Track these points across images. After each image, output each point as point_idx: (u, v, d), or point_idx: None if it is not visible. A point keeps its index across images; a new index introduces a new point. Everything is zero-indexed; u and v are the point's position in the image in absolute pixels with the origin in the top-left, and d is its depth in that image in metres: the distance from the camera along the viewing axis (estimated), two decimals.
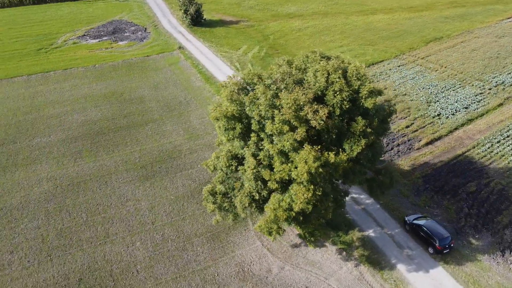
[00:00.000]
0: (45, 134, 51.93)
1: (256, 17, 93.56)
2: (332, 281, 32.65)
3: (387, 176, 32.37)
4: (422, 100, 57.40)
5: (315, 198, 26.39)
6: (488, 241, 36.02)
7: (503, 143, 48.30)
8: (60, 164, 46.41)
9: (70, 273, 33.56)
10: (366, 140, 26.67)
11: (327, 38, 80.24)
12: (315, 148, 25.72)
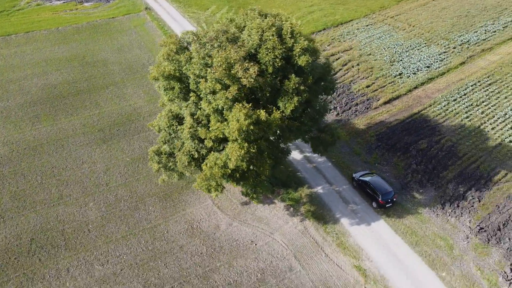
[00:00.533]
0: (3, 99, 51.35)
1: None
2: (277, 236, 33.90)
3: (328, 134, 32.97)
4: (385, 59, 57.39)
5: (249, 155, 26.96)
6: (431, 195, 37.35)
7: (459, 101, 49.00)
8: (18, 128, 46.25)
9: (23, 234, 34.34)
10: (299, 97, 26.92)
11: None
12: (246, 106, 25.99)
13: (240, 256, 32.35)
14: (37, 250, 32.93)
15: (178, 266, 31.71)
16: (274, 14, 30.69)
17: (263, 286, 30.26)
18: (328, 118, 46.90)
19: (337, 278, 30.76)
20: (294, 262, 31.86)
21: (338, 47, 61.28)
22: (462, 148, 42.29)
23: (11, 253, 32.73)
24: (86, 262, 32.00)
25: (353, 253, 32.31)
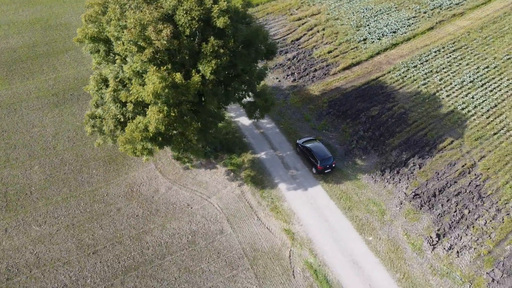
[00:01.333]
0: None
1: None
2: (213, 199, 34.45)
3: (262, 99, 32.81)
4: (352, 24, 56.14)
5: (169, 119, 26.98)
6: (373, 162, 37.56)
7: (419, 68, 48.31)
8: None
9: None
10: (218, 60, 26.56)
11: None
12: (162, 69, 25.77)
13: (175, 218, 33.02)
14: None
15: (113, 227, 32.46)
16: None
17: (192, 247, 31.06)
18: (284, 84, 46.60)
19: (265, 240, 31.49)
20: (226, 225, 32.54)
21: (307, 11, 59.84)
22: (413, 115, 42.09)
23: None
24: (24, 223, 32.79)
25: (285, 217, 32.90)
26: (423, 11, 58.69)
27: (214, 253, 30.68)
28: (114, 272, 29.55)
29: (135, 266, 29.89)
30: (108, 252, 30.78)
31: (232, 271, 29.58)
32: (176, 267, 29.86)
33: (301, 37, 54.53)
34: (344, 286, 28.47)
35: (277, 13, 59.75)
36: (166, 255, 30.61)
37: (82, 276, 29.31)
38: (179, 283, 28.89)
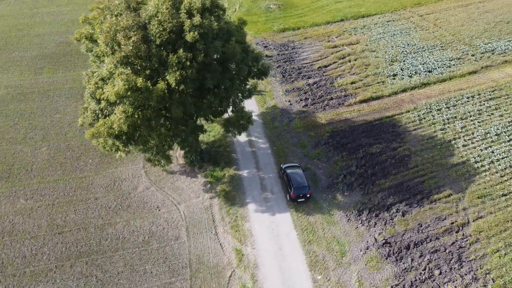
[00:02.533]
0: (24, 50, 58.22)
1: None
2: (181, 206, 35.25)
3: (237, 117, 33.15)
4: (387, 58, 54.06)
5: (132, 120, 28.55)
6: (354, 200, 35.66)
7: (442, 112, 44.99)
8: (21, 75, 52.52)
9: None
10: (182, 72, 27.58)
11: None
12: (128, 73, 27.51)
13: (140, 217, 34.38)
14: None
15: (84, 214, 34.71)
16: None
17: (145, 247, 32.06)
18: (294, 107, 46.28)
19: (214, 256, 31.43)
20: (183, 233, 33.09)
21: (345, 39, 58.88)
22: (417, 159, 39.27)
23: None
24: (15, 195, 36.41)
25: (241, 237, 32.56)
26: (471, 54, 54.56)
27: (162, 257, 31.36)
28: (69, 254, 31.56)
29: (88, 253, 31.64)
30: (71, 236, 32.96)
31: (171, 278, 29.99)
32: (123, 262, 31.04)
33: (330, 65, 53.75)
34: None
35: (315, 39, 59.60)
36: (119, 249, 31.98)
37: (41, 252, 31.74)
38: (119, 278, 29.99)
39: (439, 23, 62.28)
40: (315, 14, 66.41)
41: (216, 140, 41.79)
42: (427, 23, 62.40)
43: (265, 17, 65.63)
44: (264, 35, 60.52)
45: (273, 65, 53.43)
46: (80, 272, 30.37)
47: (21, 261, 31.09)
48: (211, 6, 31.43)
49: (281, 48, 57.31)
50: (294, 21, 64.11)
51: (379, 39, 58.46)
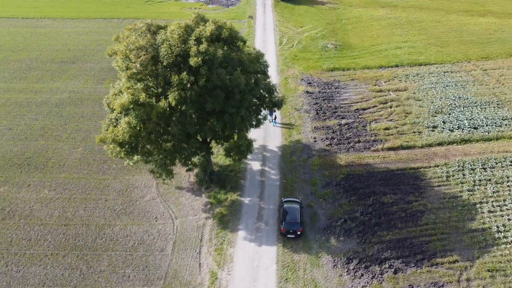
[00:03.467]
0: (95, 62, 65.52)
1: (349, 1, 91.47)
2: (177, 221, 36.56)
3: (236, 144, 34.07)
4: (431, 108, 51.42)
5: (134, 131, 30.98)
6: (348, 247, 34.01)
7: (476, 172, 41.39)
8: (85, 83, 59.10)
9: (26, 153, 45.22)
10: (182, 92, 29.48)
11: (398, 32, 74.78)
12: (135, 87, 30.18)
13: (138, 224, 36.31)
14: (25, 166, 43.26)
15: (91, 212, 37.61)
16: (213, 20, 33.48)
17: (131, 252, 33.73)
18: (317, 145, 45.88)
19: (190, 274, 31.97)
20: (170, 246, 34.23)
21: (393, 85, 57.29)
22: (431, 217, 36.48)
23: (11, 162, 43.79)
24: (42, 185, 40.72)
25: (220, 261, 32.76)
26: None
27: (143, 264, 32.72)
28: (65, 245, 34.32)
29: (81, 248, 34.14)
30: (74, 229, 35.87)
31: (143, 285, 31.11)
32: (108, 262, 32.95)
33: (369, 108, 52.55)
34: None
35: (362, 81, 58.87)
36: (109, 249, 34.04)
37: (44, 238, 34.97)
38: (99, 276, 31.83)
39: (503, 79, 57.86)
40: (371, 57, 65.71)
41: (231, 165, 42.86)
42: (489, 78, 58.32)
43: (319, 55, 66.48)
44: (312, 72, 61.24)
45: (311, 101, 53.76)
46: (69, 264, 32.85)
47: (25, 243, 34.55)
48: (229, 37, 33.47)
49: (324, 86, 57.48)
50: (346, 62, 64.04)
51: (429, 89, 55.91)
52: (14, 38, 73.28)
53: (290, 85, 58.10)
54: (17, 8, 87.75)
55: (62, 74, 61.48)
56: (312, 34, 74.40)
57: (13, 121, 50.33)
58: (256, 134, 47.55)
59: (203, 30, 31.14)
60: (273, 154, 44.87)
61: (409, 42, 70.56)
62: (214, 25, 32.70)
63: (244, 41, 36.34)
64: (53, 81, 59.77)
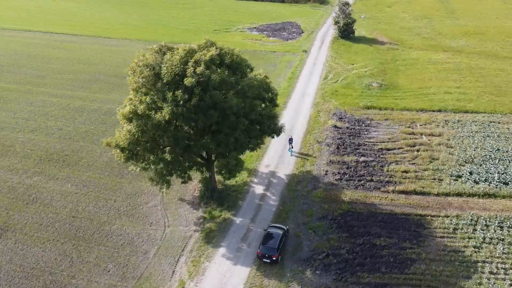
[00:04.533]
0: None
1: (411, 43, 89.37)
2: (168, 229, 38.69)
3: (224, 163, 35.55)
4: (462, 157, 48.30)
5: (132, 138, 34.23)
6: (322, 282, 33.19)
7: (489, 229, 38.01)
8: None
9: (64, 151, 51.15)
10: (173, 108, 32.10)
11: (453, 77, 71.47)
12: (135, 98, 33.56)
13: (133, 226, 39.10)
14: (60, 162, 48.93)
15: (98, 209, 41.32)
16: (220, 46, 36.23)
17: (118, 250, 36.34)
18: (327, 178, 45.53)
19: (161, 279, 33.59)
20: (153, 251, 36.33)
21: (429, 129, 54.88)
22: (420, 267, 34.26)
23: (50, 157, 49.84)
24: (67, 180, 45.68)
25: (193, 273, 33.95)
26: None
27: (124, 262, 35.14)
28: (67, 234, 38.11)
29: (78, 239, 37.63)
30: (79, 222, 39.72)
31: (117, 282, 33.37)
32: (96, 255, 35.94)
33: (394, 149, 50.89)
34: None
35: (396, 122, 57.25)
36: (101, 244, 37.13)
37: (52, 225, 39.17)
38: (84, 266, 34.81)
39: None
40: (414, 99, 63.64)
41: (236, 185, 44.35)
42: None
43: (360, 93, 66.04)
44: (347, 108, 61.03)
45: (336, 136, 53.56)
46: (64, 251, 36.44)
47: (36, 227, 39.08)
48: (232, 63, 35.92)
49: (354, 123, 56.92)
50: (386, 101, 62.78)
51: (466, 137, 52.60)
52: (92, 54, 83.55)
53: (321, 118, 58.48)
54: (105, 30, 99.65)
55: (119, 88, 68.44)
56: (361, 72, 74.17)
57: (65, 123, 57.34)
58: (269, 160, 48.88)
59: (204, 54, 33.91)
60: (280, 181, 45.46)
61: (462, 88, 67.09)
62: (216, 50, 35.39)
63: (251, 68, 38.47)
64: (110, 92, 66.96)
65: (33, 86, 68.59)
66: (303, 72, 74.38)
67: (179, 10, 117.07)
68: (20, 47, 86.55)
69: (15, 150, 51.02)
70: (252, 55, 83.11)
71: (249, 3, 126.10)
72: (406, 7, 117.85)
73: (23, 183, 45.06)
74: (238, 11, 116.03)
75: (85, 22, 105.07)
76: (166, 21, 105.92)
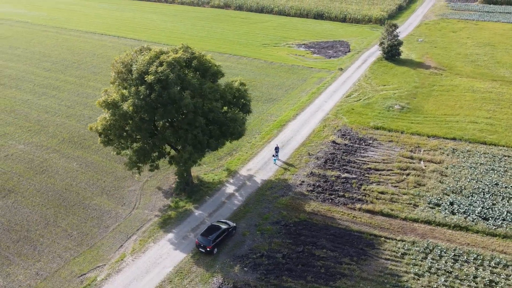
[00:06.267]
0: None
1: (459, 69, 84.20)
2: (134, 211, 42.94)
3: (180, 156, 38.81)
4: (451, 186, 45.69)
5: (105, 125, 39.33)
6: (244, 278, 34.66)
7: (442, 260, 35.98)
8: None
9: (84, 135, 58.64)
10: (134, 101, 36.46)
11: (488, 107, 66.52)
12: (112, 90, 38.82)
13: (108, 204, 44.04)
14: (78, 144, 56.25)
15: (87, 186, 47.10)
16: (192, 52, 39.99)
17: (86, 221, 41.44)
18: (299, 189, 46.39)
19: (108, 250, 37.76)
20: (113, 226, 40.77)
21: (431, 155, 52.49)
22: (348, 284, 34.10)
23: (72, 139, 57.52)
24: (75, 159, 52.52)
25: (136, 249, 37.69)
26: None
27: (86, 231, 40.07)
28: (53, 201, 44.34)
29: (60, 207, 43.56)
30: (67, 194, 45.77)
31: (74, 246, 38.30)
32: (68, 222, 41.41)
33: (383, 170, 49.76)
34: None
35: (399, 144, 55.57)
36: (76, 214, 42.58)
37: (46, 193, 45.80)
38: (55, 228, 40.44)
39: None
40: (432, 125, 60.89)
41: (212, 182, 47.36)
42: None
43: (377, 113, 64.87)
44: (354, 126, 60.61)
45: (330, 151, 53.84)
46: (45, 214, 42.54)
47: (34, 193, 45.95)
48: (199, 66, 39.59)
49: (356, 141, 56.47)
50: (399, 124, 61.02)
51: (467, 168, 49.43)
52: None
53: (324, 133, 58.96)
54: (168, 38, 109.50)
55: None
56: (389, 94, 72.53)
57: (96, 113, 65.11)
58: (253, 165, 51.16)
59: (168, 56, 37.93)
60: (254, 184, 47.38)
61: (492, 119, 62.43)
62: (185, 54, 39.20)
63: (222, 74, 41.68)
64: None
65: (86, 81, 78.83)
66: (329, 89, 74.90)
67: (241, 25, 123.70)
68: (89, 47, 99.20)
69: (48, 130, 59.82)
70: (288, 68, 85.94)
71: (309, 21, 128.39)
72: (473, 33, 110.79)
73: (41, 157, 53.01)
74: (294, 28, 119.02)
75: (156, 30, 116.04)
76: (225, 34, 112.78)
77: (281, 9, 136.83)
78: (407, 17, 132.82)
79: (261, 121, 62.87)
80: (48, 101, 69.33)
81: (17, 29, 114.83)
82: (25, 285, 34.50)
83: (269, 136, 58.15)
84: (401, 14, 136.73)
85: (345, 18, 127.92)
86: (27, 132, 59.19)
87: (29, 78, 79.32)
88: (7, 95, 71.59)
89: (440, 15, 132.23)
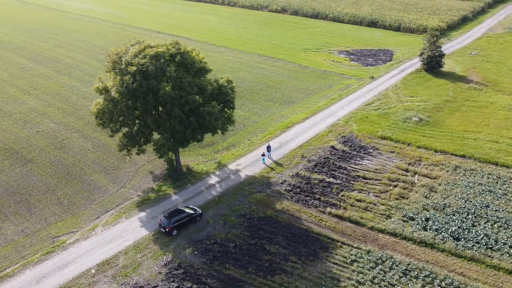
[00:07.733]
0: None
1: (504, 86, 77.53)
2: (121, 190, 47.14)
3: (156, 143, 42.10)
4: (434, 203, 43.70)
5: (99, 109, 43.99)
6: (190, 260, 36.92)
7: (389, 273, 35.12)
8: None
9: None
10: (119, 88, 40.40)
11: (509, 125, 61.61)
12: (103, 78, 43.18)
13: (102, 181, 48.82)
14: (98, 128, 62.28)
15: (92, 164, 52.46)
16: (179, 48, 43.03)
17: (80, 194, 46.49)
18: (281, 187, 47.40)
19: (87, 218, 42.23)
20: (98, 200, 45.30)
21: (429, 171, 50.27)
22: (284, 279, 34.88)
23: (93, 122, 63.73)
24: (91, 141, 58.45)
25: (108, 222, 41.70)
26: None
27: (75, 201, 45.04)
28: (61, 173, 50.19)
29: (65, 179, 49.22)
30: (73, 168, 51.43)
31: (60, 212, 43.34)
32: (65, 192, 46.76)
33: (371, 179, 48.81)
34: None
35: (399, 157, 53.78)
36: (74, 186, 47.87)
37: (55, 167, 51.89)
38: (52, 196, 45.98)
39: None
40: (445, 140, 57.85)
41: (200, 172, 50.19)
42: None
43: (391, 123, 63.03)
44: (361, 134, 59.61)
45: (325, 155, 53.90)
46: (48, 183, 48.39)
47: (48, 165, 52.31)
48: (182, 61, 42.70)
49: (355, 148, 55.74)
50: (409, 137, 58.79)
51: (462, 186, 46.74)
52: None
53: (327, 137, 58.91)
54: (217, 38, 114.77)
55: None
56: (413, 105, 69.80)
57: None
58: (244, 161, 53.14)
59: (152, 50, 41.40)
60: (237, 179, 49.26)
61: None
62: (166, 49, 42.39)
63: (207, 70, 44.30)
64: None
65: None
66: (351, 96, 73.95)
67: (291, 29, 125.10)
68: None
69: (79, 113, 66.94)
70: (319, 74, 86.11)
71: (361, 29, 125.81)
72: None
73: (64, 135, 59.82)
74: (342, 35, 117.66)
75: (208, 31, 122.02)
76: (271, 38, 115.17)
77: (336, 15, 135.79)
78: (469, 29, 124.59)
79: (269, 121, 64.39)
80: (90, 88, 77.08)
81: (88, 24, 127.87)
82: (9, 239, 40.11)
83: (270, 135, 59.54)
84: (464, 25, 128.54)
85: (399, 27, 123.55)
86: (62, 113, 66.86)
87: (82, 67, 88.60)
88: (59, 80, 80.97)
89: (508, 28, 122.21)
